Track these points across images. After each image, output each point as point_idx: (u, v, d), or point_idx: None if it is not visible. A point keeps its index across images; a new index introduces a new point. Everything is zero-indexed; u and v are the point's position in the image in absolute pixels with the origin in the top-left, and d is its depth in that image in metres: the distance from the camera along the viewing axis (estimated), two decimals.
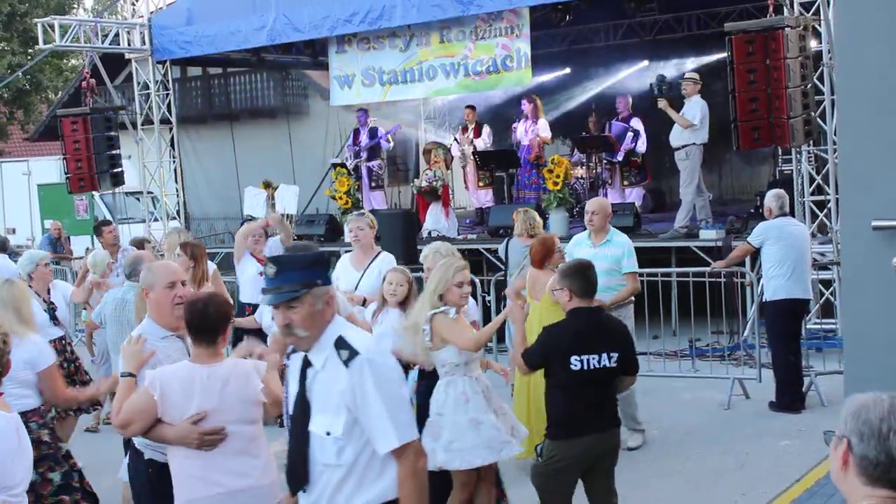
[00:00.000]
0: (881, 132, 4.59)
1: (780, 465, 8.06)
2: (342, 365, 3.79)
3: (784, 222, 9.80)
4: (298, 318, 3.84)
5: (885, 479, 2.65)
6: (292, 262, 4.06)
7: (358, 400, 3.76)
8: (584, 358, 5.71)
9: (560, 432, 5.84)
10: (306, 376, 3.95)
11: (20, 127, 38.74)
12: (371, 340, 4.02)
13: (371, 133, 17.45)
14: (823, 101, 12.16)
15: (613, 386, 5.95)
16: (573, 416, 5.79)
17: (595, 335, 5.80)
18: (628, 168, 15.86)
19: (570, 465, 5.86)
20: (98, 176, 16.50)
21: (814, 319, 11.81)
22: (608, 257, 8.60)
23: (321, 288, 3.89)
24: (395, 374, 3.92)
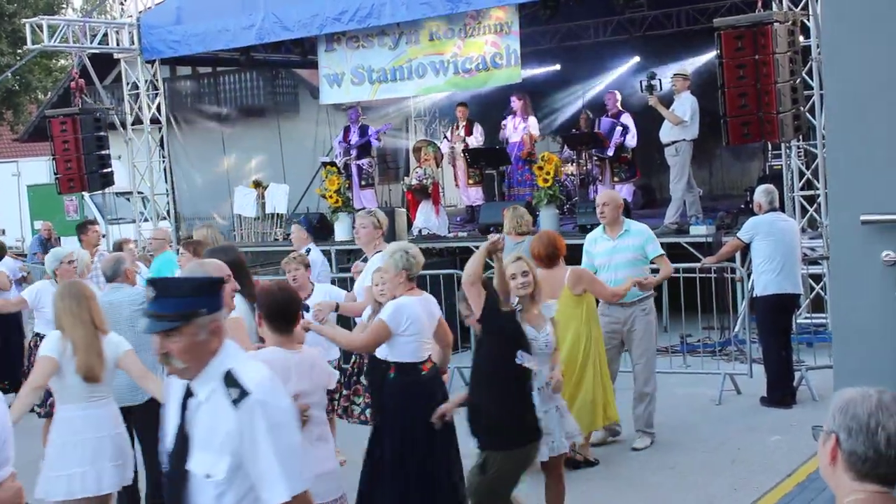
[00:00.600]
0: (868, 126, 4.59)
1: (772, 460, 8.07)
2: (230, 404, 3.44)
3: (774, 217, 9.81)
4: (177, 348, 3.48)
5: (874, 474, 2.66)
6: (172, 287, 3.66)
7: (246, 445, 3.42)
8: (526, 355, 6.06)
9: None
10: (187, 407, 3.58)
11: (9, 127, 38.62)
12: (266, 378, 3.56)
13: (361, 131, 17.43)
14: (813, 96, 12.18)
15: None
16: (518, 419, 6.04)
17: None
18: (618, 164, 15.87)
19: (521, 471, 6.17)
20: (88, 176, 16.44)
21: (804, 314, 11.83)
22: (630, 247, 8.58)
23: (205, 317, 3.50)
24: (288, 418, 3.55)
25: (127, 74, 17.78)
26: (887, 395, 2.70)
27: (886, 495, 2.67)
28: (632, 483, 7.82)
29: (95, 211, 22.73)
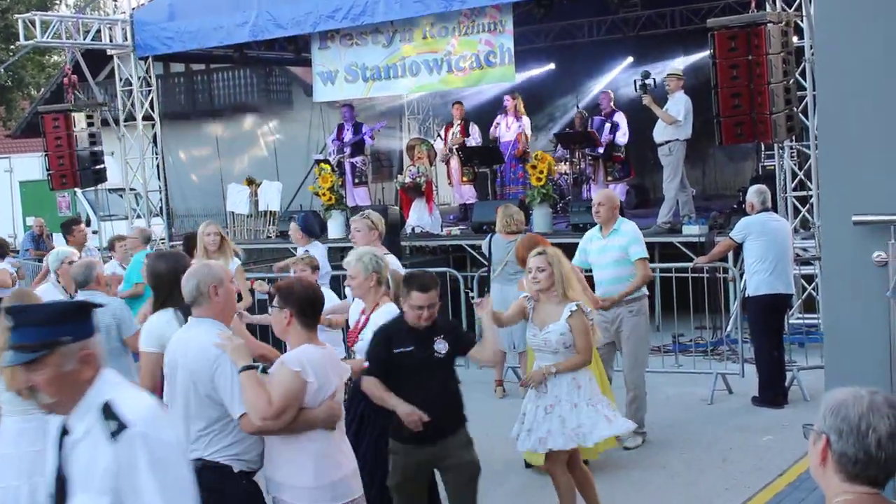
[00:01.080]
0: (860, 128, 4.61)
1: (763, 460, 8.09)
2: (108, 438, 3.12)
3: (766, 217, 9.83)
4: (42, 381, 3.17)
5: (864, 475, 2.66)
6: (31, 315, 3.27)
7: (125, 482, 3.10)
8: None
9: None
10: (63, 446, 3.26)
11: (2, 123, 38.55)
12: (148, 408, 3.25)
13: (355, 128, 17.42)
14: (806, 97, 12.20)
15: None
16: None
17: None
18: (611, 163, 15.89)
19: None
20: (80, 173, 16.41)
21: (796, 314, 11.85)
22: (615, 247, 8.58)
23: (70, 345, 3.18)
24: (174, 452, 3.22)
25: (120, 71, 17.74)
26: (879, 396, 2.69)
27: (876, 496, 2.68)
28: (623, 482, 7.82)
29: (88, 207, 22.69)
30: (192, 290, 4.80)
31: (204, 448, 4.62)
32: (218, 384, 4.59)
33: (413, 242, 15.05)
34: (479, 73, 15.52)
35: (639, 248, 8.59)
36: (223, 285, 4.87)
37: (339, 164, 17.26)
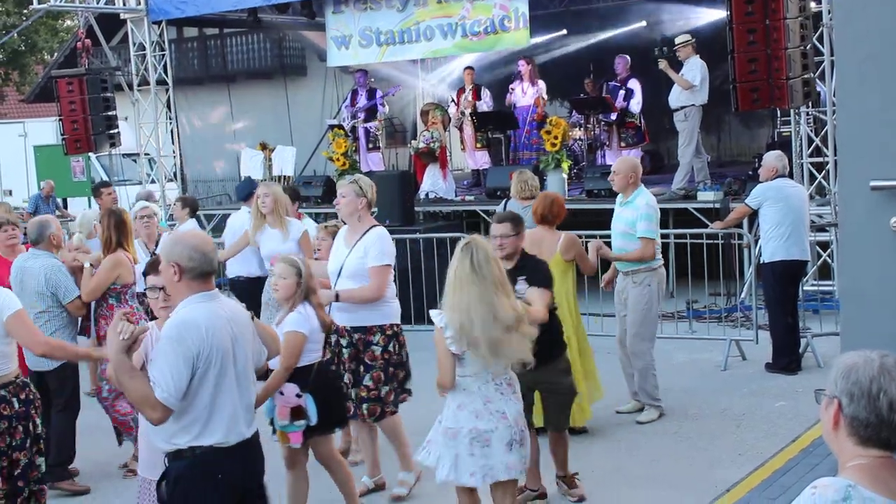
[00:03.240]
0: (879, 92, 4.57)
1: (776, 426, 8.10)
2: None
3: (782, 183, 9.78)
4: None
5: (876, 438, 2.66)
6: None
7: None
8: None
9: None
10: None
11: (16, 88, 38.59)
12: None
13: (369, 94, 17.37)
14: (823, 62, 12.11)
15: None
16: None
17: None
18: (625, 129, 15.81)
19: None
20: (94, 137, 16.43)
21: (811, 281, 11.83)
22: (624, 219, 8.44)
23: None
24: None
25: (133, 35, 17.71)
26: (889, 358, 2.69)
27: (888, 460, 2.68)
28: (635, 448, 7.85)
29: (102, 172, 22.71)
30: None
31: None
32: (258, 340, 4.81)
33: (427, 208, 15.03)
34: (494, 37, 15.44)
35: (646, 225, 8.27)
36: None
37: (352, 130, 17.23)
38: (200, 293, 4.39)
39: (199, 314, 4.33)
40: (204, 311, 4.35)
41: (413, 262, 12.07)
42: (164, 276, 4.47)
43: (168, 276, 4.40)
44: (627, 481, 7.14)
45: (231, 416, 4.39)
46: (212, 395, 4.32)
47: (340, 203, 7.14)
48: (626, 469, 7.40)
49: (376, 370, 6.84)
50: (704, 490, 6.79)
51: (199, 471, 4.37)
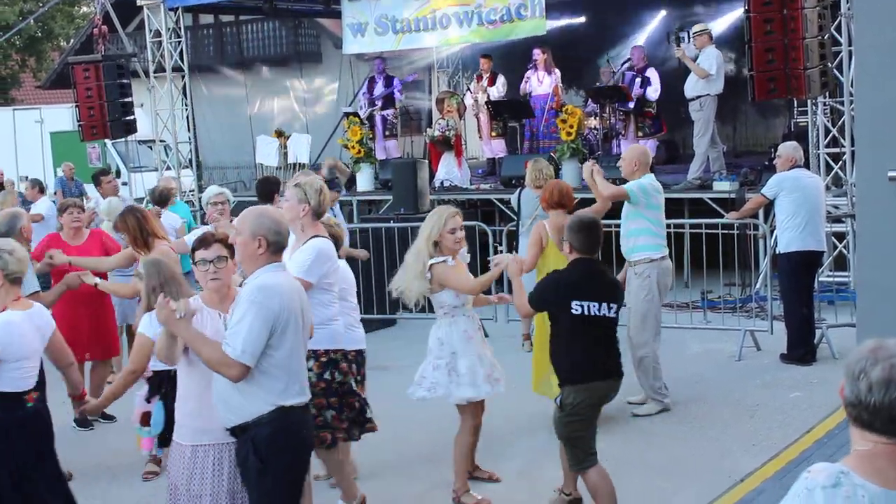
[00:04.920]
0: None
1: (790, 417, 8.08)
2: None
3: (798, 174, 9.74)
4: None
5: (860, 420, 2.66)
6: None
7: None
8: (583, 304, 5.77)
9: (576, 377, 5.85)
10: None
11: (32, 74, 38.69)
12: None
13: (386, 81, 17.36)
14: (840, 52, 12.05)
15: (615, 336, 6.01)
16: (584, 358, 5.85)
17: (594, 285, 5.87)
18: (642, 118, 15.76)
19: (592, 407, 5.92)
20: (110, 124, 16.46)
21: (826, 272, 11.78)
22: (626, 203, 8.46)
23: None
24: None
25: (150, 22, 17.72)
26: (893, 342, 2.68)
27: (891, 447, 2.65)
28: (648, 436, 7.85)
29: (118, 159, 22.80)
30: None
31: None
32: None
33: (441, 196, 15.03)
34: (510, 25, 15.41)
35: (634, 186, 8.30)
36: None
37: (369, 117, 17.24)
38: (274, 264, 4.66)
39: (278, 281, 4.62)
40: (281, 279, 4.65)
41: None
42: (247, 249, 4.64)
43: (251, 249, 4.61)
44: (641, 471, 7.14)
45: (304, 376, 4.73)
46: (288, 356, 4.56)
47: (283, 206, 6.49)
48: (640, 458, 7.40)
49: (316, 397, 5.85)
50: (718, 480, 6.78)
51: (287, 430, 4.58)
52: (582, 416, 5.85)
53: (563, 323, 5.86)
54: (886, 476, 2.62)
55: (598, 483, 5.88)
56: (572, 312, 5.77)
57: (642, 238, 8.30)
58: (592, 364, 5.84)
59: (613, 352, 6.00)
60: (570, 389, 5.84)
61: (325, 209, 6.30)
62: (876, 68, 4.65)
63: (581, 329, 5.81)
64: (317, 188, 6.24)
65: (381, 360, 10.04)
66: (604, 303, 5.80)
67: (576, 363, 5.85)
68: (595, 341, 5.86)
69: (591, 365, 5.84)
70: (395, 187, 13.91)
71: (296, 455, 4.66)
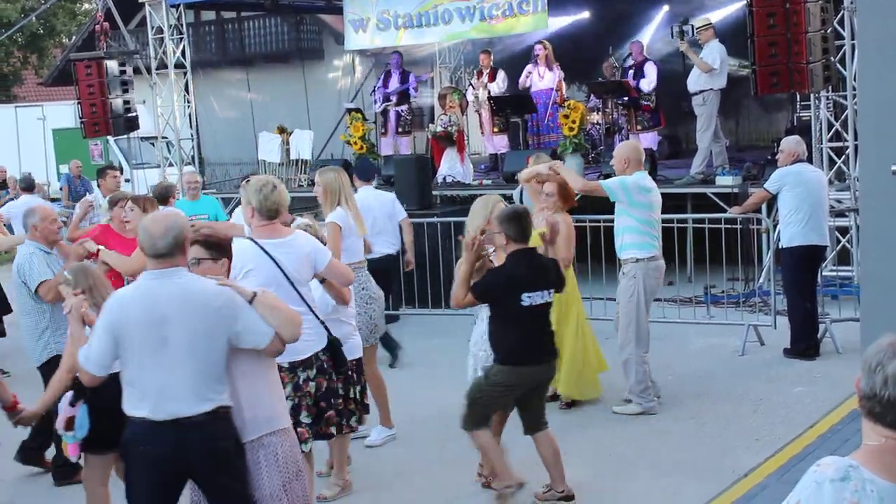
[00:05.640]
0: None
1: (794, 412, 8.07)
2: None
3: (801, 168, 9.72)
4: None
5: (875, 414, 2.65)
6: None
7: None
8: (530, 295, 6.12)
9: (509, 358, 6.22)
10: None
11: (34, 72, 38.70)
12: None
13: (402, 77, 17.30)
14: (843, 46, 12.01)
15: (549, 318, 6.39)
16: (523, 346, 6.20)
17: (537, 275, 6.21)
18: (640, 112, 15.73)
19: (511, 390, 6.27)
20: (112, 121, 16.44)
21: (830, 267, 11.76)
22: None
23: None
24: None
25: (151, 18, 17.68)
26: None
27: None
28: (651, 432, 7.84)
29: (120, 156, 22.80)
30: (170, 243, 4.51)
31: (219, 395, 4.54)
32: (240, 320, 4.50)
33: (444, 192, 15.02)
34: (512, 21, 15.37)
35: (612, 181, 8.32)
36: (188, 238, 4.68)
37: (383, 112, 17.22)
38: (154, 271, 4.54)
39: (129, 291, 4.67)
40: (136, 289, 4.60)
41: (430, 247, 12.09)
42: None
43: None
44: (643, 466, 7.13)
45: (159, 391, 4.46)
46: (138, 368, 4.49)
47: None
48: (642, 454, 7.39)
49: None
50: (721, 476, 6.78)
51: (130, 439, 4.56)
52: (497, 392, 6.22)
53: (509, 311, 6.16)
54: (894, 471, 2.61)
55: (486, 442, 6.28)
56: (521, 305, 6.11)
57: (628, 236, 8.23)
58: (527, 350, 6.21)
59: (548, 335, 6.37)
60: (500, 369, 6.22)
61: (278, 207, 5.91)
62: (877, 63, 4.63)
63: (526, 318, 6.17)
64: (258, 187, 5.87)
65: (386, 356, 10.03)
66: (545, 290, 6.21)
67: (511, 348, 6.20)
68: (535, 328, 6.24)
69: (526, 351, 6.20)
70: (397, 183, 13.89)
71: (132, 464, 4.61)
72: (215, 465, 4.54)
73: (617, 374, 8.58)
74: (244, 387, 4.67)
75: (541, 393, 6.50)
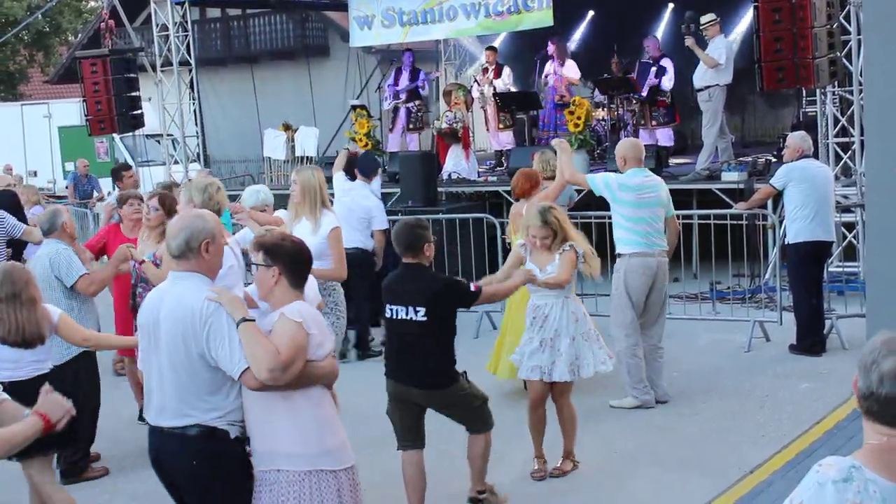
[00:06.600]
0: None
1: (800, 408, 8.05)
2: None
3: (807, 164, 9.70)
4: None
5: (872, 413, 2.65)
6: None
7: None
8: (393, 308, 5.96)
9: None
10: None
11: (40, 69, 38.75)
12: None
13: (413, 74, 17.28)
14: (849, 41, 11.98)
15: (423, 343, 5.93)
16: (389, 359, 6.18)
17: (402, 289, 5.97)
18: (655, 107, 15.68)
19: (392, 400, 6.14)
20: (118, 118, 16.45)
21: (836, 262, 11.74)
22: None
23: None
24: None
25: (157, 16, 17.70)
26: None
27: None
28: (657, 428, 7.83)
29: (126, 153, 22.81)
30: (181, 244, 4.41)
31: (202, 413, 4.33)
32: (213, 341, 4.24)
33: (449, 188, 15.01)
34: (517, 17, 15.36)
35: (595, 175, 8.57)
36: (215, 241, 4.47)
37: (394, 109, 17.21)
38: (172, 272, 4.55)
39: (153, 291, 4.69)
40: (156, 290, 4.66)
41: (436, 243, 12.05)
42: None
43: None
44: (649, 462, 7.12)
45: (150, 396, 4.51)
46: (146, 368, 4.56)
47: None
48: (648, 450, 7.38)
49: None
50: (727, 471, 6.76)
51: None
52: (389, 404, 6.14)
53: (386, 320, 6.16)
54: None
55: (404, 469, 6.10)
56: (387, 315, 6.04)
57: (617, 232, 8.31)
58: (389, 363, 6.13)
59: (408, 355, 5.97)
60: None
61: (220, 208, 5.78)
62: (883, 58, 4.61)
63: (392, 331, 6.11)
64: (202, 187, 5.87)
65: None
66: (409, 307, 5.88)
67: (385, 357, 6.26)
68: (396, 344, 6.06)
69: (390, 363, 6.13)
70: (402, 180, 13.89)
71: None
72: (188, 483, 4.44)
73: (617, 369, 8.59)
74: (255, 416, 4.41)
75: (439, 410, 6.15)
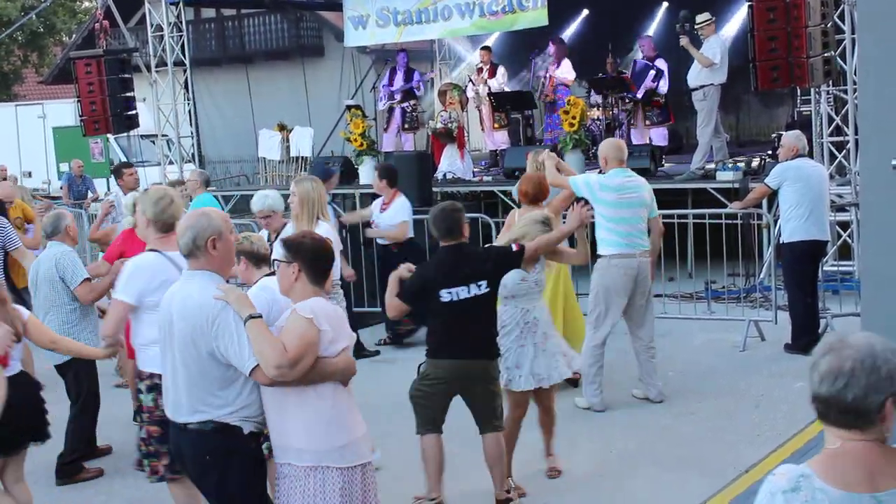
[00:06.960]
0: None
1: (795, 407, 8.04)
2: None
3: (802, 163, 9.70)
4: None
5: (821, 415, 2.65)
6: None
7: None
8: (453, 290, 6.00)
9: (430, 352, 6.23)
10: None
11: (34, 70, 38.70)
12: None
13: (407, 75, 17.27)
14: (844, 41, 12.00)
15: (485, 314, 6.20)
16: (443, 340, 6.15)
17: (459, 270, 6.07)
18: (650, 108, 15.69)
19: (437, 383, 6.16)
20: (112, 118, 16.41)
21: (831, 261, 11.75)
22: None
23: None
24: None
25: (151, 16, 17.68)
26: (857, 338, 2.65)
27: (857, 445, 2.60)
28: (652, 428, 7.83)
29: (120, 154, 22.78)
30: (187, 242, 4.47)
31: (214, 409, 4.41)
32: (221, 339, 4.30)
33: (444, 188, 15.00)
34: (512, 17, 15.37)
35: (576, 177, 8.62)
36: (222, 238, 4.50)
37: (390, 109, 17.20)
38: (186, 270, 4.62)
39: (171, 290, 4.65)
40: (173, 288, 4.63)
41: (431, 243, 12.06)
42: None
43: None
44: (645, 461, 7.13)
45: (166, 390, 4.61)
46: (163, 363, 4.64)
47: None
48: (644, 449, 7.39)
49: (147, 424, 5.65)
50: (722, 471, 6.77)
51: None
52: (426, 385, 6.16)
53: (431, 308, 6.11)
54: (848, 478, 2.57)
55: (427, 450, 6.18)
56: (441, 301, 6.01)
57: (599, 232, 8.28)
58: (448, 344, 6.11)
59: (476, 331, 6.15)
60: (426, 361, 6.22)
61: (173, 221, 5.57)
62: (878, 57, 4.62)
63: (446, 314, 6.06)
64: (155, 199, 5.73)
65: (386, 354, 10.04)
66: (472, 284, 6.03)
67: (433, 342, 6.22)
68: (458, 323, 6.07)
69: (447, 344, 6.11)
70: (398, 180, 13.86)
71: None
72: (201, 477, 4.60)
73: (614, 369, 8.60)
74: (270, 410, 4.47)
75: (476, 392, 6.21)
